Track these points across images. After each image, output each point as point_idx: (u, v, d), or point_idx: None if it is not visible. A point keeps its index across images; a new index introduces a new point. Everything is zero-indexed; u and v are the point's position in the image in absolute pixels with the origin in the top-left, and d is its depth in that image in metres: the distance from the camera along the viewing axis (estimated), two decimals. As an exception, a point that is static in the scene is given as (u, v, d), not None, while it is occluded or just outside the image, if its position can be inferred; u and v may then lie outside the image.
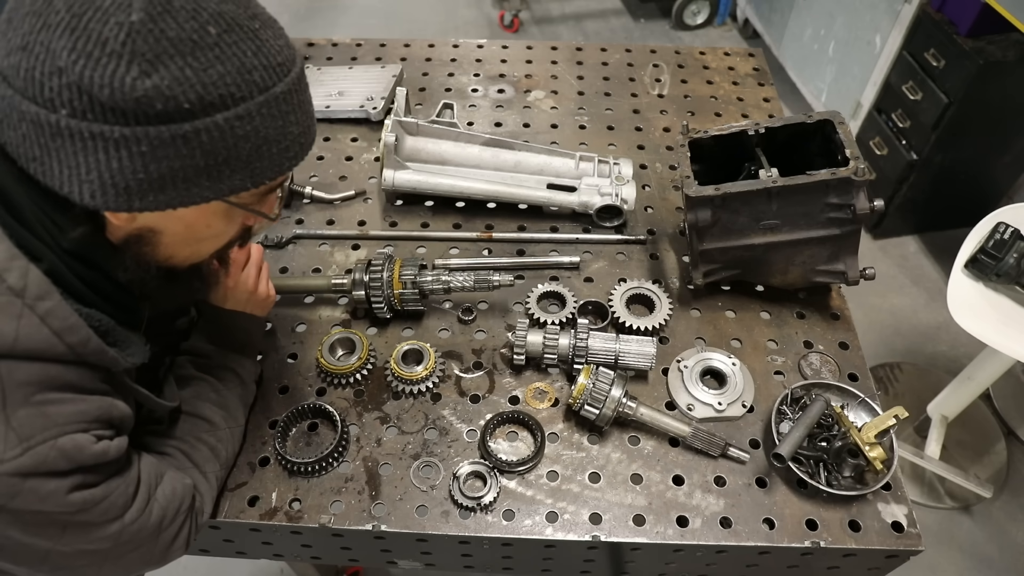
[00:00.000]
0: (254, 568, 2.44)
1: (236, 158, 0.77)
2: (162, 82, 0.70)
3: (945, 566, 2.39)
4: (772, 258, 1.36)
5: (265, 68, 0.77)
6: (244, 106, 0.76)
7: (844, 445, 1.16)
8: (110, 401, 0.86)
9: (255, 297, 1.25)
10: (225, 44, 0.73)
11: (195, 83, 0.71)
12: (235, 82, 0.74)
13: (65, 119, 0.70)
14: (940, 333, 2.99)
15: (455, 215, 1.63)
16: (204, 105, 0.73)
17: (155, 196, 0.76)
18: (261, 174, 0.81)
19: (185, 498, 0.99)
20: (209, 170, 0.76)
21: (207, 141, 0.74)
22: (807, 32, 3.61)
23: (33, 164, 0.75)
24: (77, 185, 0.74)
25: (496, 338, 1.40)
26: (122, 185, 0.74)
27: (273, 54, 0.78)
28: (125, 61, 0.68)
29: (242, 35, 0.75)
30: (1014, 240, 1.77)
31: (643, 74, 2.02)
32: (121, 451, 0.87)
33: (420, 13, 4.76)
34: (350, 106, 1.82)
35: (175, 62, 0.70)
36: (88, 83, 0.68)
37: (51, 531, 0.81)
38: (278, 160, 0.82)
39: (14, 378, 0.75)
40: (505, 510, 1.15)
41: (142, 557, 0.94)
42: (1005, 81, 2.60)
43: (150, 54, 0.69)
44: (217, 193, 0.79)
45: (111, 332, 0.85)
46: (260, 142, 0.79)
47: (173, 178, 0.75)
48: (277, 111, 0.79)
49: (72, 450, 0.79)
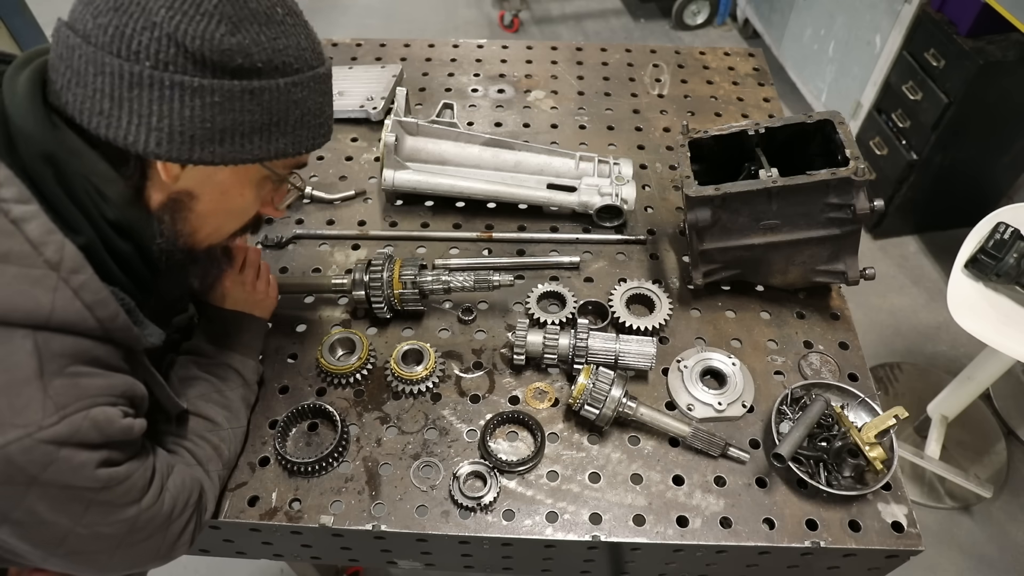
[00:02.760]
0: (254, 568, 2.44)
1: (286, 121, 0.89)
2: (244, 40, 0.81)
3: (945, 566, 2.39)
4: (772, 258, 1.36)
5: (312, 51, 0.90)
6: (299, 76, 0.88)
7: (844, 445, 1.16)
8: (132, 380, 0.88)
9: (254, 297, 1.25)
10: (288, 24, 0.86)
11: (267, 47, 0.83)
12: (294, 55, 0.87)
13: (148, 70, 0.78)
14: (940, 333, 2.99)
15: (455, 215, 1.63)
16: (271, 68, 0.84)
17: (214, 148, 0.84)
18: (301, 143, 0.92)
19: (193, 491, 1.01)
20: (263, 129, 0.87)
21: (268, 100, 0.85)
22: (807, 32, 3.61)
23: (97, 118, 0.81)
24: (145, 133, 0.81)
25: (496, 338, 1.40)
26: (188, 133, 0.82)
27: (316, 42, 0.92)
28: (216, 20, 0.79)
29: (298, 20, 0.89)
30: (1014, 240, 1.77)
31: (643, 74, 2.02)
32: (142, 431, 0.90)
33: (420, 13, 4.76)
34: (350, 106, 1.82)
35: (254, 28, 0.82)
36: (182, 35, 0.78)
37: (75, 509, 0.82)
38: (314, 134, 0.94)
39: (50, 348, 0.77)
40: (505, 510, 1.15)
41: (151, 548, 0.94)
42: (1005, 81, 2.61)
43: (235, 17, 0.80)
44: (265, 153, 0.88)
45: (132, 311, 0.87)
46: (305, 112, 0.90)
47: (233, 131, 0.84)
48: (319, 88, 0.92)
49: (103, 422, 0.81)
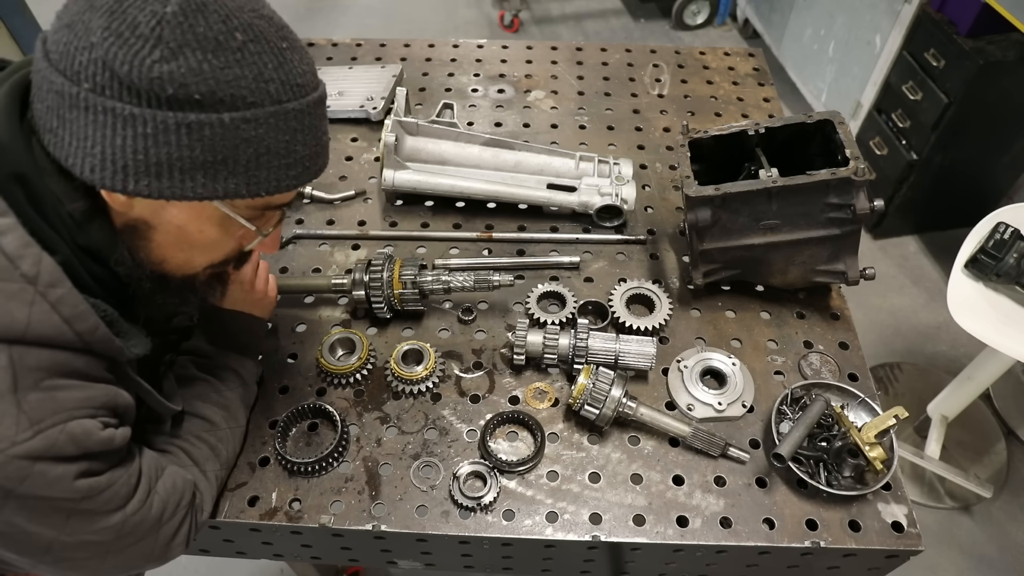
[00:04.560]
0: (254, 568, 2.44)
1: (235, 161, 0.79)
2: (178, 69, 0.74)
3: (945, 566, 2.39)
4: (772, 258, 1.36)
5: (282, 83, 0.80)
6: (253, 111, 0.78)
7: (844, 445, 1.16)
8: (115, 390, 0.87)
9: (253, 296, 1.24)
10: (248, 52, 0.77)
11: (209, 78, 0.75)
12: (249, 87, 0.77)
13: (85, 92, 0.74)
14: (940, 333, 2.99)
15: (455, 215, 1.63)
16: (214, 101, 0.76)
17: (149, 181, 0.78)
18: (258, 185, 0.83)
19: (185, 493, 1.00)
20: (207, 166, 0.78)
21: (209, 136, 0.77)
22: (807, 32, 3.61)
23: (48, 135, 0.79)
24: (81, 157, 0.78)
25: (496, 338, 1.40)
26: (120, 163, 0.77)
27: (294, 75, 0.82)
28: (150, 45, 0.73)
29: (266, 48, 0.79)
30: (1014, 240, 1.77)
31: (643, 74, 2.02)
32: (125, 440, 0.89)
33: (420, 13, 4.76)
34: (350, 106, 1.82)
35: (195, 55, 0.74)
36: (112, 59, 0.73)
37: (56, 519, 0.82)
38: (278, 175, 0.84)
39: (25, 363, 0.76)
40: (505, 510, 1.15)
41: (143, 551, 0.94)
42: (1005, 81, 2.61)
43: (174, 43, 0.73)
44: (211, 193, 0.80)
45: (115, 323, 0.87)
46: (263, 151, 0.81)
47: (170, 166, 0.77)
48: (286, 126, 0.82)
49: (80, 435, 0.80)
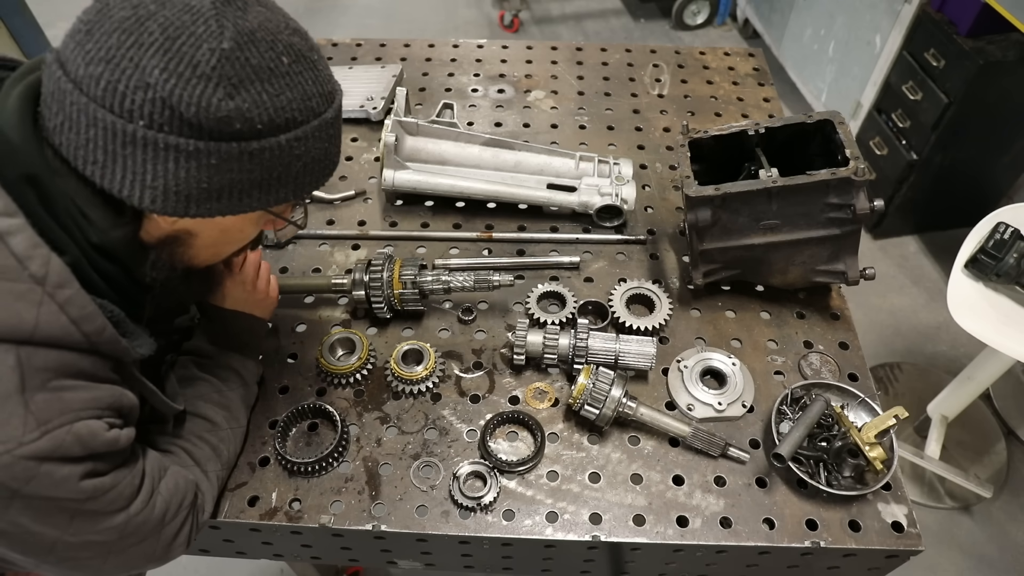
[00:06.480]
0: (254, 568, 2.44)
1: (288, 174, 0.86)
2: (243, 104, 0.77)
3: (945, 566, 2.39)
4: (772, 258, 1.36)
5: (320, 96, 0.86)
6: (302, 129, 0.84)
7: (844, 445, 1.16)
8: (120, 390, 0.88)
9: (254, 297, 1.25)
10: (294, 73, 0.82)
11: (268, 107, 0.79)
12: (299, 107, 0.83)
13: (143, 129, 0.76)
14: (940, 333, 2.99)
15: (455, 215, 1.63)
16: (273, 127, 0.81)
17: (210, 204, 0.82)
18: (302, 188, 0.90)
19: (188, 493, 1.00)
20: (263, 184, 0.84)
21: (268, 159, 0.82)
22: (807, 32, 3.61)
23: (92, 167, 0.79)
24: (139, 190, 0.79)
25: (496, 338, 1.40)
26: (184, 193, 0.80)
27: (325, 83, 0.87)
28: (213, 83, 0.75)
29: (306, 65, 0.84)
30: (1014, 240, 1.77)
31: (643, 74, 2.02)
32: (130, 441, 0.89)
33: (420, 13, 4.76)
34: (350, 106, 1.82)
35: (255, 87, 0.78)
36: (176, 100, 0.74)
37: (60, 519, 0.82)
38: (319, 177, 0.92)
39: (33, 363, 0.77)
40: (505, 510, 1.15)
41: (145, 551, 0.94)
42: (1005, 81, 2.61)
43: (235, 79, 0.76)
44: (264, 204, 0.87)
45: (121, 323, 0.87)
46: (309, 161, 0.87)
47: (231, 190, 0.82)
48: (325, 134, 0.88)
49: (87, 436, 0.81)
